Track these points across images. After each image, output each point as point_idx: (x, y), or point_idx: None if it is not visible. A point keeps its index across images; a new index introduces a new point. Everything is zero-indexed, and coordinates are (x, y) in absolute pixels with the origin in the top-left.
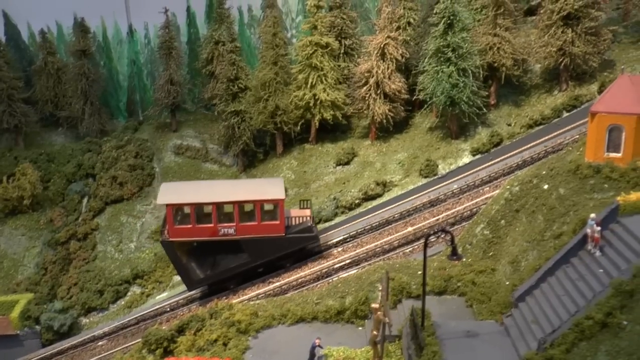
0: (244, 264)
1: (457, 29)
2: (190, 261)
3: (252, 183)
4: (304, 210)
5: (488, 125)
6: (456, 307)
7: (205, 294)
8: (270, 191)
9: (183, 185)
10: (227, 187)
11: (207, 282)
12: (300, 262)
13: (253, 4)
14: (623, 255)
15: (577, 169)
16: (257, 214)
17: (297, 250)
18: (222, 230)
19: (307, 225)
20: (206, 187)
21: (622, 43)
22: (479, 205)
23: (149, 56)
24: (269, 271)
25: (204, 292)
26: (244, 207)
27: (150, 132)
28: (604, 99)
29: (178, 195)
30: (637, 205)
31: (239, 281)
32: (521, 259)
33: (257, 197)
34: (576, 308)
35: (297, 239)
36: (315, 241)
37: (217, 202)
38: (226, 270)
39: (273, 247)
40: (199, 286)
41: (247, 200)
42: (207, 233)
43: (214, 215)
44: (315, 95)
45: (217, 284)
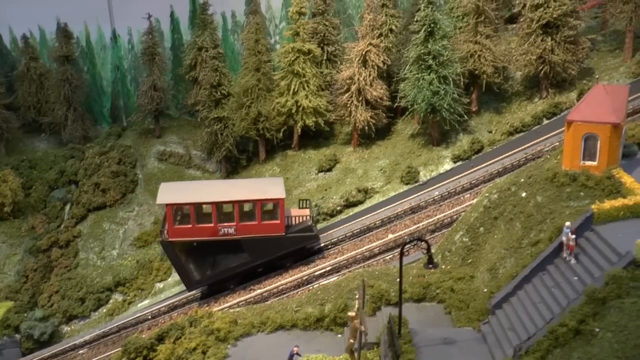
0: (244, 264)
1: (437, 36)
2: (189, 261)
3: (252, 182)
4: (304, 209)
5: (469, 132)
6: (435, 314)
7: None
8: (270, 190)
9: (182, 185)
10: (226, 187)
11: (206, 282)
12: (300, 261)
13: (237, 10)
14: (597, 263)
15: (554, 177)
16: (258, 214)
17: (297, 249)
18: (222, 230)
19: (307, 225)
20: (206, 187)
21: (601, 51)
22: (460, 213)
23: (132, 62)
24: (269, 271)
25: (194, 297)
26: (244, 207)
27: (133, 138)
28: (579, 108)
29: (178, 194)
30: (610, 213)
31: (238, 281)
32: (499, 266)
33: (258, 196)
34: (551, 315)
35: (298, 238)
36: (316, 240)
37: (217, 202)
38: (226, 270)
39: (273, 247)
40: (198, 286)
41: (248, 200)
42: (207, 233)
43: (214, 214)
44: (298, 102)
45: (217, 284)
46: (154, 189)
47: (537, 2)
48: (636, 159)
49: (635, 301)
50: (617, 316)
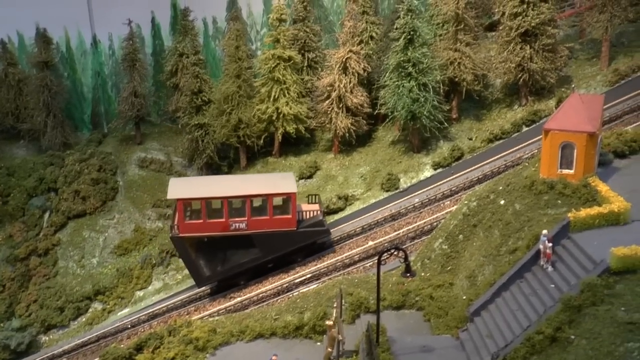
0: (255, 259)
1: (417, 44)
2: (199, 257)
3: (263, 177)
4: (313, 204)
5: (450, 139)
6: (414, 321)
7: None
8: (281, 185)
9: (192, 180)
10: (237, 182)
11: (216, 278)
12: (311, 256)
13: (218, 16)
14: (573, 271)
15: (532, 185)
16: (269, 208)
17: (308, 244)
18: (233, 225)
19: (318, 219)
20: (216, 182)
21: (579, 59)
22: (440, 220)
23: (113, 68)
24: (279, 266)
25: (174, 305)
26: (256, 202)
27: (114, 145)
28: (556, 117)
29: (188, 190)
30: (586, 221)
31: (249, 277)
32: (478, 274)
33: (269, 190)
34: (528, 323)
35: (309, 232)
36: (327, 235)
37: (228, 197)
38: (236, 266)
39: (285, 242)
40: (208, 283)
41: (259, 194)
42: (218, 228)
43: (225, 209)
44: (278, 109)
45: (227, 281)
46: (135, 196)
47: (515, 10)
48: (612, 167)
49: (609, 308)
50: (592, 323)
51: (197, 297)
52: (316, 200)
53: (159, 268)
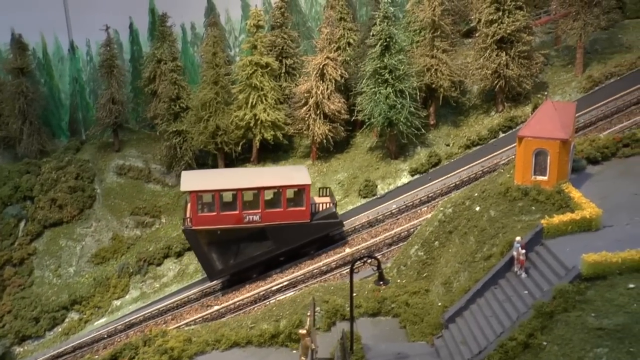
0: (268, 252)
1: (393, 51)
2: (212, 250)
3: (276, 170)
4: (324, 197)
5: (427, 145)
6: (390, 328)
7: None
8: (295, 177)
9: (204, 172)
10: (250, 174)
11: (229, 271)
12: (323, 249)
13: (196, 22)
14: (546, 277)
15: (506, 192)
16: (283, 200)
17: (321, 236)
18: (247, 217)
19: (331, 211)
20: (228, 174)
21: (554, 66)
22: (417, 226)
23: (91, 74)
24: (291, 259)
25: (151, 314)
26: (270, 193)
27: (92, 152)
28: (530, 124)
29: (202, 182)
30: (559, 227)
31: (261, 270)
32: (453, 280)
33: (283, 182)
34: (502, 329)
35: (323, 225)
36: (340, 227)
37: (243, 188)
38: (249, 259)
39: (298, 234)
40: (220, 276)
41: (273, 186)
42: (232, 220)
43: (239, 201)
44: (256, 115)
45: (239, 274)
46: (113, 204)
47: (491, 17)
48: (585, 173)
49: (580, 315)
50: (563, 329)
51: (175, 305)
52: (327, 193)
53: (137, 276)
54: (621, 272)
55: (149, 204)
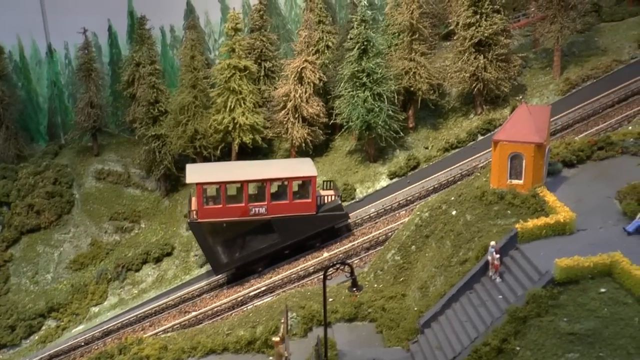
0: (273, 245)
1: (371, 54)
2: (217, 244)
3: (281, 162)
4: (328, 190)
5: (406, 148)
6: (366, 333)
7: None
8: (301, 169)
9: (209, 165)
10: (255, 167)
11: (234, 265)
12: (328, 241)
13: (176, 24)
14: (520, 282)
15: (482, 196)
16: (289, 192)
17: (327, 229)
18: (253, 210)
19: (337, 203)
20: (233, 167)
21: (533, 68)
22: (395, 230)
23: (70, 77)
24: (296, 253)
25: (129, 320)
26: (276, 185)
27: (71, 157)
28: (505, 128)
29: (207, 174)
30: (534, 232)
31: (266, 264)
32: (429, 285)
33: (289, 174)
34: (477, 334)
35: (328, 217)
36: (345, 219)
37: (249, 180)
38: (255, 252)
39: (304, 226)
40: (226, 270)
41: (280, 178)
42: (238, 213)
43: (245, 194)
44: (235, 119)
45: (244, 267)
46: (92, 209)
47: (469, 21)
48: (560, 177)
49: (552, 319)
50: (536, 334)
51: (153, 312)
52: (331, 186)
53: (115, 283)
54: (593, 277)
55: (128, 209)
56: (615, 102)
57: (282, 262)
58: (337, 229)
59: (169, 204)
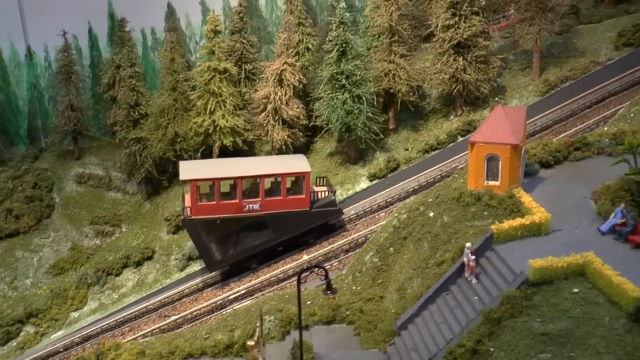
0: (267, 241)
1: (350, 56)
2: (211, 241)
3: (275, 158)
4: (321, 186)
5: (386, 150)
6: (344, 336)
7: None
8: (295, 164)
9: (202, 162)
10: (249, 163)
11: (228, 262)
12: (323, 237)
13: (157, 26)
14: (495, 283)
15: (460, 197)
16: (283, 188)
17: (321, 224)
18: (247, 206)
19: (330, 199)
20: (226, 164)
21: (513, 70)
22: (375, 232)
23: (50, 80)
24: (290, 249)
25: (108, 325)
26: (270, 181)
27: (51, 161)
28: (481, 130)
29: (201, 170)
30: (509, 233)
31: (260, 260)
32: (407, 286)
33: (283, 170)
34: (452, 335)
35: (322, 212)
36: (339, 215)
37: (242, 177)
38: (249, 248)
39: (298, 222)
40: (220, 267)
41: (274, 174)
42: (232, 209)
43: (239, 190)
44: (215, 122)
45: (239, 264)
46: (72, 214)
47: (448, 22)
48: (537, 177)
49: (526, 320)
50: (510, 335)
51: (132, 316)
52: (324, 183)
53: (95, 287)
54: (567, 277)
55: (109, 213)
56: (593, 103)
57: (277, 258)
58: (331, 224)
59: (151, 208)
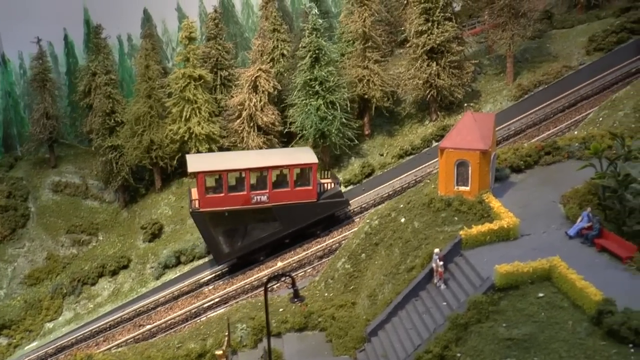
0: (275, 233)
1: (323, 62)
2: (219, 233)
3: (281, 151)
4: (327, 179)
5: (362, 155)
6: (316, 343)
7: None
8: (302, 156)
9: (209, 155)
10: (255, 155)
11: (236, 254)
12: (329, 229)
13: (133, 33)
14: (463, 288)
15: (430, 202)
16: (290, 180)
17: (328, 216)
18: (255, 198)
19: (337, 190)
20: (233, 156)
21: (487, 74)
22: (348, 237)
23: (25, 88)
24: (296, 241)
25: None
26: (277, 173)
27: (26, 169)
28: (450, 136)
29: (209, 163)
30: (478, 238)
31: (268, 253)
32: (378, 293)
33: (291, 161)
34: (420, 341)
35: (329, 204)
36: (346, 205)
37: (250, 168)
38: (257, 241)
39: (306, 214)
40: (228, 259)
41: (281, 165)
42: (240, 201)
43: (247, 182)
44: (190, 129)
45: (246, 257)
46: (48, 223)
47: (421, 28)
48: (508, 182)
49: (492, 325)
50: (476, 341)
51: (107, 326)
52: (329, 175)
53: (70, 297)
54: (533, 282)
55: (86, 221)
56: (565, 107)
57: (284, 250)
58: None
59: (128, 215)
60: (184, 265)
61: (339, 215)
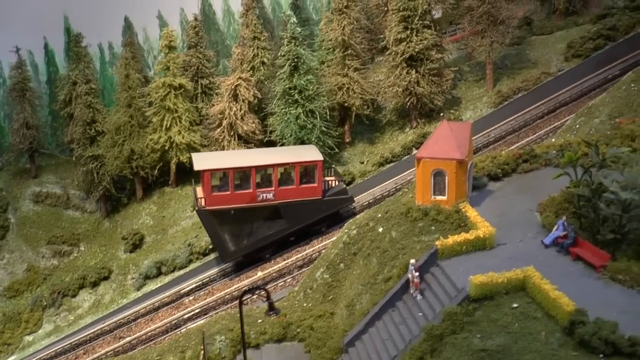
0: (281, 231)
1: (302, 71)
2: (225, 231)
3: (286, 149)
4: (331, 176)
5: (342, 163)
6: (295, 354)
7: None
8: (307, 154)
9: (215, 153)
10: (261, 153)
11: (242, 252)
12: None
13: (114, 41)
14: (439, 299)
15: (408, 212)
16: (296, 177)
17: (333, 213)
18: (260, 196)
19: (342, 187)
20: (239, 154)
21: (468, 81)
22: (327, 247)
23: (5, 97)
24: (301, 239)
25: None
26: (283, 170)
27: (6, 180)
28: (427, 145)
29: (215, 161)
30: (454, 248)
31: (274, 250)
32: (356, 303)
33: (296, 159)
34: (396, 352)
35: (334, 201)
36: (351, 202)
37: (256, 166)
38: (262, 238)
39: (311, 211)
40: (234, 257)
41: (287, 163)
42: (246, 199)
43: (253, 179)
44: (171, 138)
45: (252, 255)
46: (28, 234)
47: (400, 36)
48: (486, 190)
49: (466, 336)
50: (451, 352)
51: (87, 339)
52: (333, 173)
53: (51, 309)
54: (507, 292)
55: (67, 232)
56: (544, 113)
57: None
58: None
59: (110, 225)
60: (164, 276)
61: (343, 212)
